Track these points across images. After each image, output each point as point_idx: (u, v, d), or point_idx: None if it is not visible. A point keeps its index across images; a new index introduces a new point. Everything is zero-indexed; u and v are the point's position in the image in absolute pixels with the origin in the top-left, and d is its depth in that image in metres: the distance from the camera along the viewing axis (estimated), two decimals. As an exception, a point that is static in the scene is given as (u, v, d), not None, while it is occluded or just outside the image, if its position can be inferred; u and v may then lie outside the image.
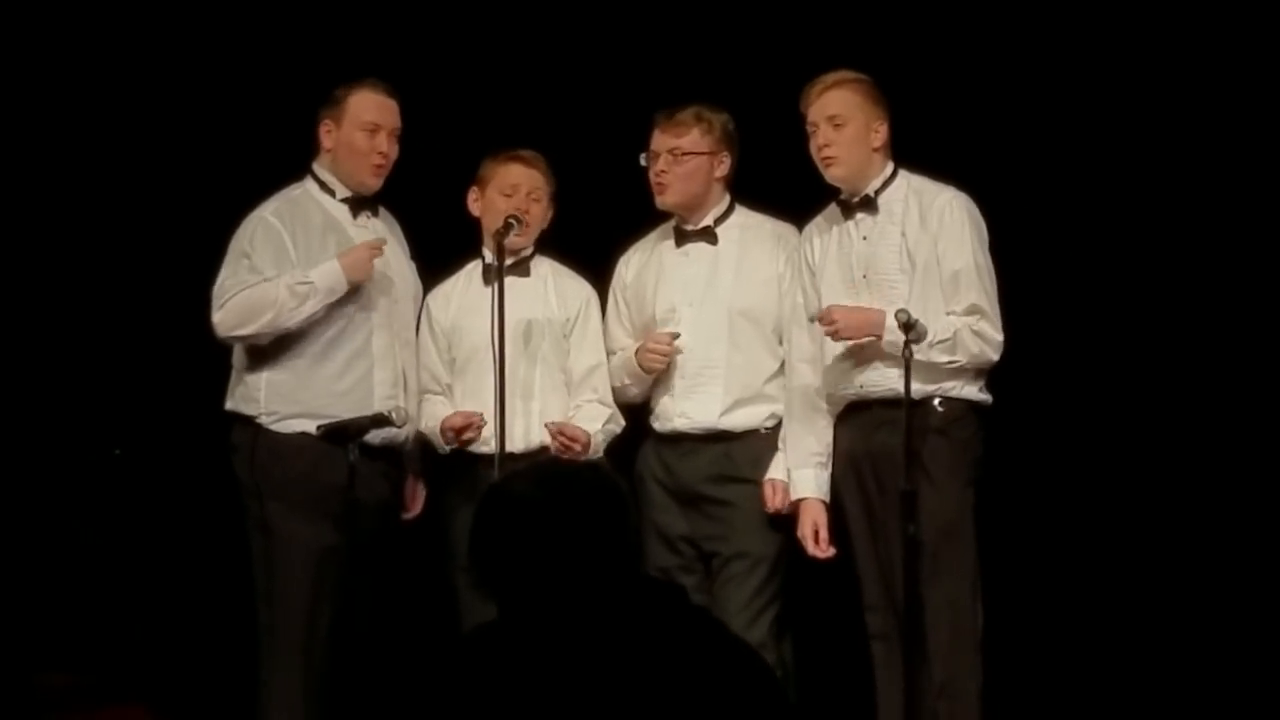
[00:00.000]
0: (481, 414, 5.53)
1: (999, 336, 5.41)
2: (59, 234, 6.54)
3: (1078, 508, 6.17)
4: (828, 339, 5.44)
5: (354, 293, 5.53)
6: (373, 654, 5.45)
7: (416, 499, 5.77)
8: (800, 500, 5.51)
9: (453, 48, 6.49)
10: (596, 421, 5.63)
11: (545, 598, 3.04)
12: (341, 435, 5.39)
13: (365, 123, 5.57)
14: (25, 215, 6.53)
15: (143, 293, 6.45)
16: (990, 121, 6.16)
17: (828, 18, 6.24)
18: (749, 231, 5.72)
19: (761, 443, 5.60)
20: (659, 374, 5.65)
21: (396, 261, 5.69)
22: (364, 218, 5.65)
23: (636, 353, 5.64)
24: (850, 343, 5.38)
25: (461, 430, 5.55)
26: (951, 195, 5.47)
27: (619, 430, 5.71)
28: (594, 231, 5.86)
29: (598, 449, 5.60)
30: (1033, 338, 5.57)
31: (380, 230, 5.67)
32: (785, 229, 5.70)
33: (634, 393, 5.73)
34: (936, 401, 5.38)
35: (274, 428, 5.49)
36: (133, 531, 6.31)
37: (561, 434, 5.54)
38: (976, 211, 5.48)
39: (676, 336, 5.59)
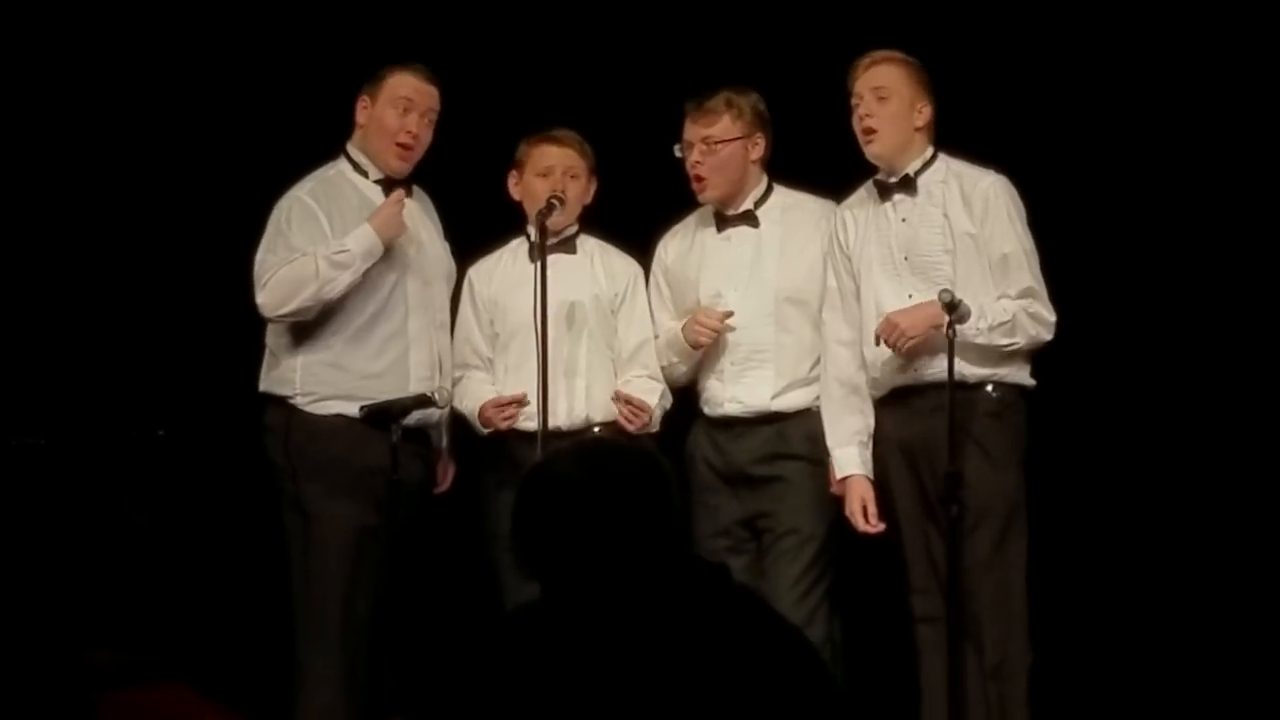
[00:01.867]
0: (525, 393, 5.53)
1: (1052, 317, 5.40)
2: (104, 220, 6.56)
3: (1116, 491, 6.17)
4: (869, 323, 5.42)
5: (389, 274, 5.53)
6: (411, 634, 5.46)
7: (447, 475, 5.77)
8: (845, 478, 5.50)
9: (496, 30, 6.50)
10: (652, 395, 5.63)
11: (588, 577, 3.04)
12: (384, 416, 5.38)
13: (398, 99, 5.58)
14: (70, 201, 6.56)
15: (185, 277, 6.47)
16: (1027, 104, 6.15)
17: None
18: (790, 212, 5.71)
19: (814, 420, 5.57)
20: (706, 356, 5.64)
21: (430, 243, 5.69)
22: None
23: (684, 327, 5.62)
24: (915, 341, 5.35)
25: (504, 407, 5.54)
26: (994, 179, 5.46)
27: (669, 406, 5.70)
28: (637, 212, 5.85)
29: (655, 423, 5.60)
30: (1065, 323, 5.54)
31: (414, 209, 5.67)
32: (827, 206, 5.68)
33: (681, 371, 5.71)
34: (990, 387, 5.37)
35: (309, 409, 5.49)
36: (176, 511, 6.33)
37: (629, 403, 5.53)
38: (1017, 194, 5.46)
39: (730, 315, 5.58)
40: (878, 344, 5.37)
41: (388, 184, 5.64)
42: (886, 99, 5.44)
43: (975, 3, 6.23)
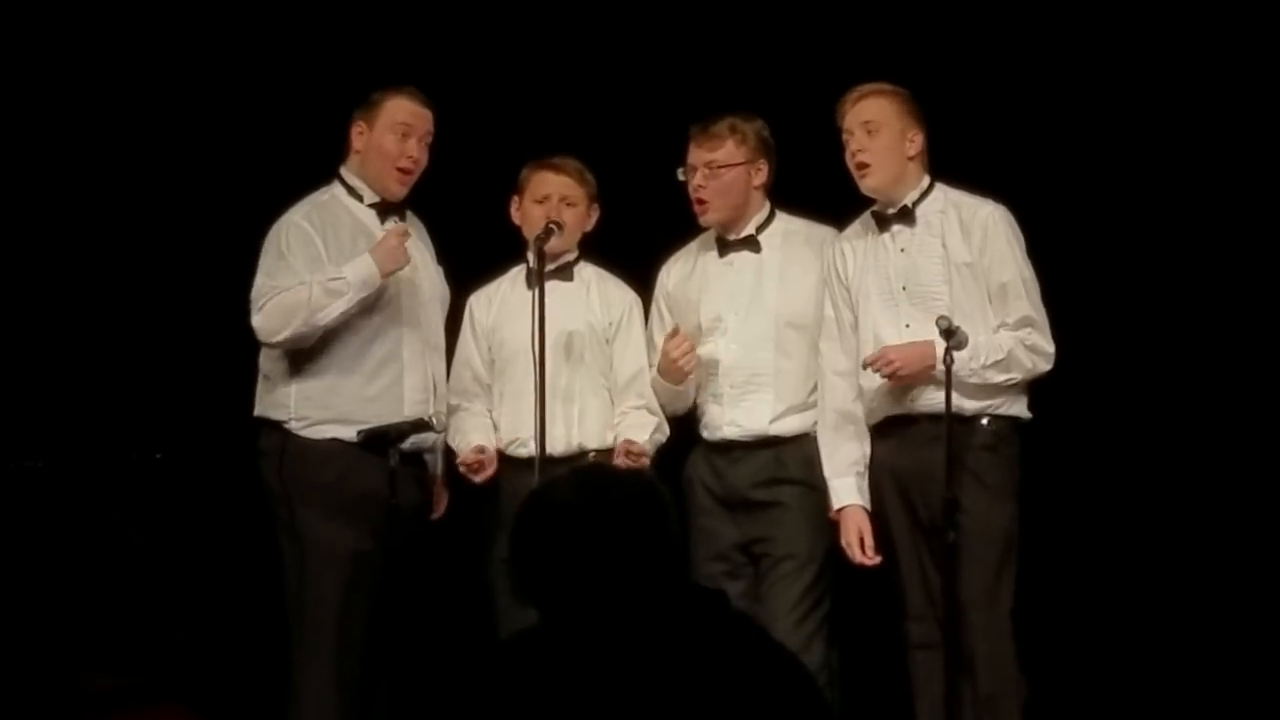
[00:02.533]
0: (486, 449, 5.55)
1: (1050, 348, 5.40)
2: (102, 244, 6.57)
3: (1112, 521, 6.18)
4: (865, 352, 5.43)
5: (383, 298, 5.53)
6: (407, 659, 5.45)
7: (441, 501, 5.77)
8: (842, 509, 5.50)
9: (500, 55, 6.51)
10: (644, 431, 5.63)
11: (586, 603, 3.04)
12: (382, 441, 5.38)
13: (397, 124, 5.58)
14: (69, 224, 6.56)
15: (182, 301, 6.47)
16: (1024, 134, 6.17)
17: (868, 27, 6.24)
18: (792, 238, 5.72)
19: (812, 445, 5.58)
20: (706, 380, 5.64)
21: (424, 266, 5.69)
22: (391, 222, 5.65)
23: (659, 370, 5.62)
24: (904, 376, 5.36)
25: (475, 468, 5.56)
26: (992, 208, 5.47)
27: (664, 439, 5.70)
28: (638, 239, 5.87)
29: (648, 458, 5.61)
30: (1063, 356, 5.54)
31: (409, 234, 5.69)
32: (828, 233, 5.69)
33: (677, 409, 5.73)
34: (985, 420, 5.37)
35: (303, 433, 5.49)
36: (173, 534, 6.33)
37: (627, 455, 5.51)
38: (1015, 224, 5.48)
39: (676, 333, 5.57)
40: (865, 369, 5.37)
41: (383, 208, 5.65)
42: (877, 132, 5.45)
43: (979, 32, 6.24)
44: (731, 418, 5.64)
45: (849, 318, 5.52)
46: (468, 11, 6.56)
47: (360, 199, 5.64)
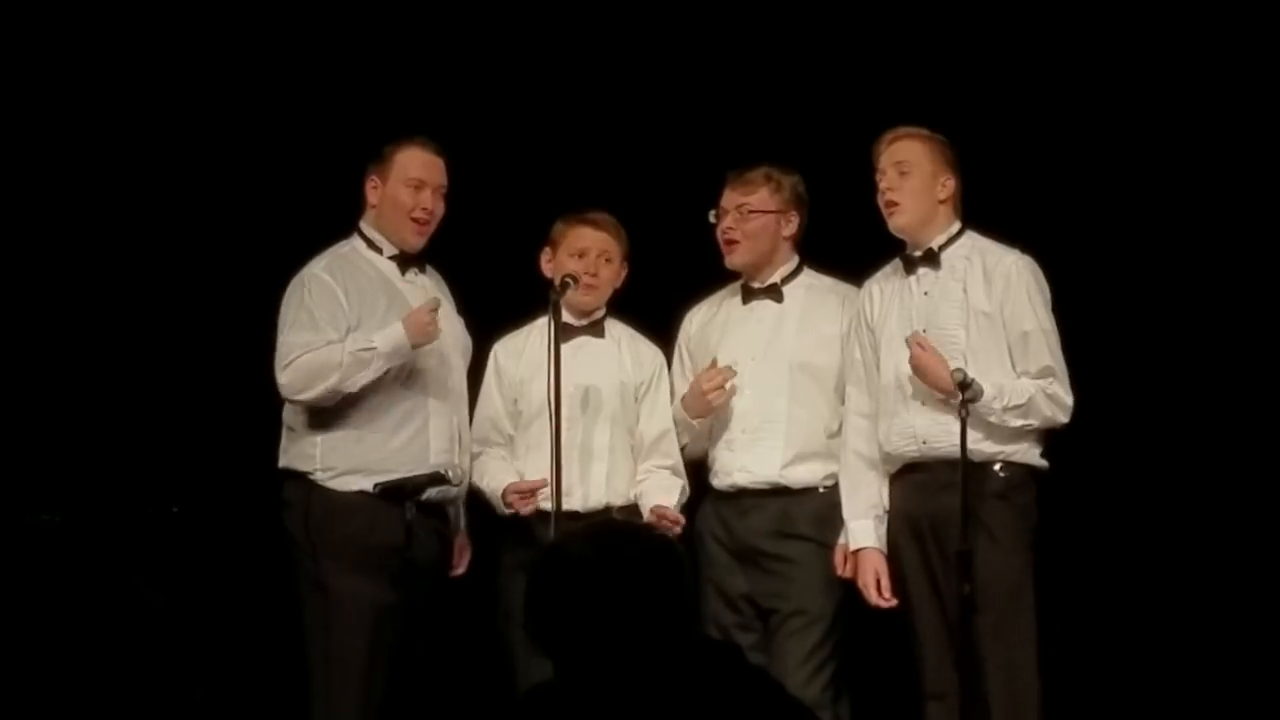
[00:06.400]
0: (545, 479, 5.50)
1: (1069, 399, 5.42)
2: (120, 297, 6.58)
3: (1131, 570, 6.17)
4: (885, 396, 5.45)
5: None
6: (425, 712, 5.44)
7: (463, 558, 5.75)
8: (859, 550, 5.50)
9: (526, 110, 6.54)
10: (672, 495, 5.63)
11: (601, 658, 3.04)
12: (399, 493, 5.39)
13: (410, 178, 5.61)
14: (86, 278, 6.58)
15: (199, 354, 6.49)
16: (1058, 184, 6.18)
17: (901, 79, 6.26)
18: (815, 291, 5.75)
19: (821, 501, 5.59)
20: (719, 425, 5.65)
21: (446, 318, 5.69)
22: (412, 274, 5.67)
23: (684, 402, 5.63)
24: (911, 375, 5.37)
25: (526, 495, 5.52)
26: (1016, 257, 5.49)
27: (685, 500, 5.70)
28: (662, 295, 5.87)
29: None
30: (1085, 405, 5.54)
31: (429, 286, 5.70)
32: (852, 291, 5.72)
33: (689, 452, 5.73)
34: (997, 466, 5.38)
35: (329, 485, 5.49)
36: (190, 588, 6.32)
37: (664, 519, 5.48)
38: (1041, 274, 5.50)
39: (734, 375, 5.58)
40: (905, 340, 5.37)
41: (402, 260, 5.66)
42: (908, 173, 5.49)
43: (1010, 84, 6.26)
44: (743, 463, 5.64)
45: (874, 360, 5.54)
46: (491, 62, 6.59)
47: (380, 251, 5.66)
